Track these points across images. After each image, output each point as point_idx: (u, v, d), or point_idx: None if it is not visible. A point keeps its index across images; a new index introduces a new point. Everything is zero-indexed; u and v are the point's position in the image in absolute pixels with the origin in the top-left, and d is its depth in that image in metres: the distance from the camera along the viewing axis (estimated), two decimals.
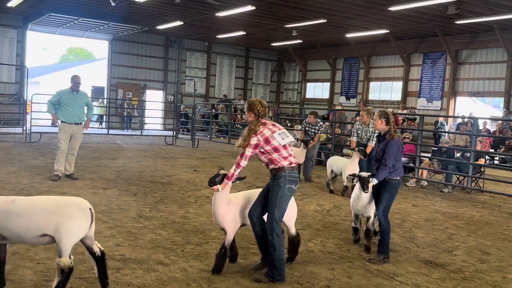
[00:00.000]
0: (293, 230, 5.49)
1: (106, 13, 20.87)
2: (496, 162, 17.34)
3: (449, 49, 21.65)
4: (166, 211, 7.59)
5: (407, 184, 12.05)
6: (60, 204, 4.16)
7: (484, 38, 20.69)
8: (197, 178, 10.91)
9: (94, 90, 34.43)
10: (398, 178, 5.91)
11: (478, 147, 12.75)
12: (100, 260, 4.34)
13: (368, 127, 9.77)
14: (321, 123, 12.24)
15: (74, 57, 58.45)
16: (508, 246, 6.91)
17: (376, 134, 9.15)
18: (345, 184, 9.75)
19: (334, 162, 10.52)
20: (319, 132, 12.08)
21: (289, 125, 24.06)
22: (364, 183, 5.95)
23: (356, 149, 9.41)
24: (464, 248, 6.67)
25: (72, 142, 9.92)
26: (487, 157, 15.49)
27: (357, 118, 12.12)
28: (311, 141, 11.51)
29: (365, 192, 6.00)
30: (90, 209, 4.18)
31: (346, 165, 9.59)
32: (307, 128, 12.06)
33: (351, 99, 26.81)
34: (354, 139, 10.11)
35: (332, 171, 10.44)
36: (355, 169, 9.18)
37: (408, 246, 6.57)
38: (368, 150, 9.40)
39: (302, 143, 11.01)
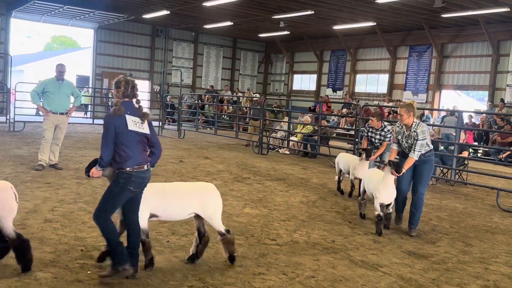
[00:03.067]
0: (7, 231, 4.40)
1: (91, 1, 20.61)
2: (479, 155, 17.58)
3: (435, 42, 21.79)
4: None
5: None
6: None
7: (469, 32, 20.86)
8: (183, 169, 10.89)
9: (79, 79, 34.03)
10: (127, 169, 4.43)
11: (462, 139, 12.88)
12: None
13: (411, 130, 6.80)
14: (389, 127, 9.40)
15: (59, 46, 57.76)
16: (490, 238, 7.01)
17: (420, 141, 6.68)
18: (377, 213, 6.78)
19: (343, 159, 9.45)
20: (387, 139, 9.28)
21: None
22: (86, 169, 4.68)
23: (389, 161, 6.79)
24: (447, 240, 6.75)
25: (56, 132, 9.82)
26: (470, 150, 15.68)
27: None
28: (375, 151, 9.21)
29: (87, 176, 4.64)
30: None
31: (376, 187, 6.88)
32: (370, 134, 9.60)
33: (337, 91, 26.89)
34: (394, 147, 7.16)
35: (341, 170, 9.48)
36: (390, 193, 6.83)
37: (392, 238, 6.63)
38: (407, 165, 6.76)
39: (363, 153, 8.75)
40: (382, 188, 6.77)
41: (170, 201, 4.85)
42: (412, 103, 6.87)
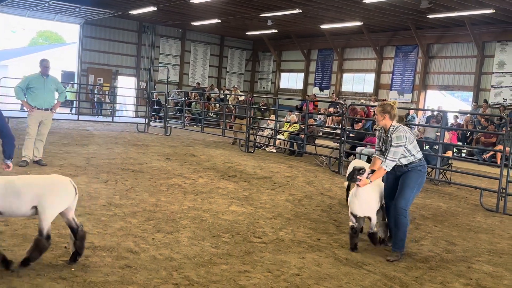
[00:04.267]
0: None
1: None
2: (463, 154, 17.78)
3: (421, 42, 21.97)
4: (137, 199, 7.52)
5: None
6: None
7: (455, 33, 21.07)
8: (169, 166, 10.84)
9: (64, 75, 33.76)
10: None
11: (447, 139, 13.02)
12: None
13: (387, 135, 5.77)
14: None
15: (44, 41, 57.15)
16: (473, 237, 7.09)
17: (394, 148, 5.62)
18: (350, 224, 6.01)
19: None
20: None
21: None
22: None
23: (354, 165, 6.18)
24: (431, 238, 6.81)
25: (41, 128, 9.73)
26: (454, 149, 15.84)
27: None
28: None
29: None
30: None
31: (351, 199, 5.97)
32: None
33: (324, 90, 26.99)
34: (376, 155, 6.00)
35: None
36: (361, 204, 5.85)
37: None
38: (374, 177, 5.75)
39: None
40: (353, 197, 5.91)
41: (9, 195, 4.39)
42: (392, 103, 5.85)
